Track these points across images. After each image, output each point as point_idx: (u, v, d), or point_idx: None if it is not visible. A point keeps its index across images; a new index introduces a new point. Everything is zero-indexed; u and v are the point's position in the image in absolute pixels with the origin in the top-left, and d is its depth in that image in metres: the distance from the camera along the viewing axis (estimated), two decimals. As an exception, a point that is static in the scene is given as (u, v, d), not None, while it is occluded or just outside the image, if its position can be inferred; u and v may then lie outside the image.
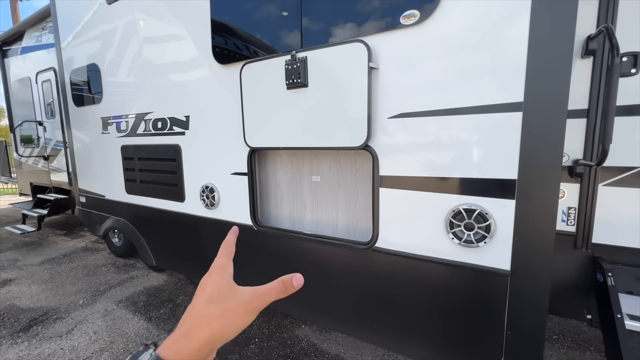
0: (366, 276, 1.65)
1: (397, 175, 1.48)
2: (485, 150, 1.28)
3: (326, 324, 2.09)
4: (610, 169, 1.69)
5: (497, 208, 1.27)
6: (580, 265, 1.79)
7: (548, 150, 1.16)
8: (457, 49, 1.29)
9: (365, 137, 1.48)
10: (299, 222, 2.00)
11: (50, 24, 5.10)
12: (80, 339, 2.79)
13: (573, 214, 1.79)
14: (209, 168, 2.19)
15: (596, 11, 1.64)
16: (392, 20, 1.37)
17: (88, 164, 3.29)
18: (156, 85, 2.42)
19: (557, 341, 2.66)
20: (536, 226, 1.21)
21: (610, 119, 1.32)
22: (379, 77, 1.45)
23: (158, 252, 2.81)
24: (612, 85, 1.31)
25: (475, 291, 1.36)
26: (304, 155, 1.92)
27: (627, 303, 1.58)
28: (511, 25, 1.18)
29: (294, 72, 1.60)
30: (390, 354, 2.52)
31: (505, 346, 1.32)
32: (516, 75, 1.19)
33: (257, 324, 2.92)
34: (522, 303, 1.27)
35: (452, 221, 1.36)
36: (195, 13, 2.06)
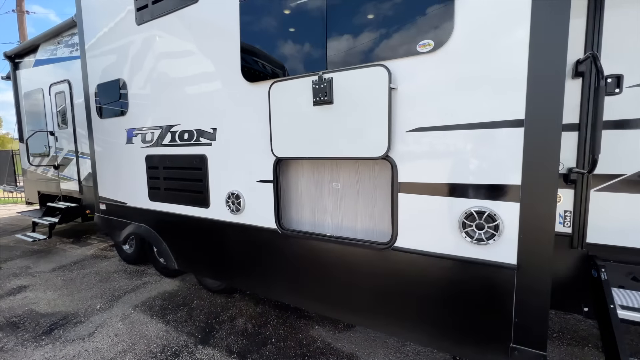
0: (386, 273, 1.83)
1: (414, 182, 1.67)
2: (492, 160, 1.48)
3: (348, 319, 2.23)
4: (600, 176, 1.90)
5: (504, 210, 1.46)
6: (576, 263, 1.99)
7: (546, 159, 1.37)
8: (466, 73, 1.51)
9: (386, 149, 1.68)
10: (320, 225, 2.18)
11: (67, 39, 5.33)
12: (103, 341, 2.90)
13: (569, 217, 1.99)
14: (235, 176, 2.37)
15: (583, 37, 1.88)
16: (410, 48, 1.59)
17: (110, 172, 3.44)
18: (183, 100, 2.61)
19: (557, 338, 2.83)
20: (538, 225, 1.40)
21: (598, 132, 1.54)
22: (398, 96, 1.66)
23: (180, 256, 2.95)
24: (599, 103, 1.53)
25: (486, 284, 1.54)
26: (325, 164, 2.11)
27: (619, 295, 1.77)
28: (513, 55, 1.40)
29: (320, 91, 1.81)
30: (401, 350, 2.67)
31: (514, 332, 1.49)
32: (517, 96, 1.40)
33: (272, 326, 3.05)
34: (528, 293, 1.45)
35: (464, 222, 1.55)
36: (225, 36, 2.27)
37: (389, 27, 1.65)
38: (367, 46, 1.72)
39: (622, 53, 1.83)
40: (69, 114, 5.41)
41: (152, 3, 2.70)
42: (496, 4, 1.42)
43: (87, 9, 3.35)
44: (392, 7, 1.64)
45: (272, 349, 2.72)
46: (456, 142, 1.55)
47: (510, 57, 1.41)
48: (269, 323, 3.11)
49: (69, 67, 5.33)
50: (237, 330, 3.00)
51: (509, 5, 1.39)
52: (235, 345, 2.79)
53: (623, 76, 1.81)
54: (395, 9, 1.63)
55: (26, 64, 6.39)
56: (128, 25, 2.94)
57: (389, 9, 1.65)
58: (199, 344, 2.82)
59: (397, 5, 1.63)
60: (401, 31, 1.62)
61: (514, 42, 1.40)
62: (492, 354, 1.56)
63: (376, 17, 1.69)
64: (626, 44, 1.83)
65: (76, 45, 5.12)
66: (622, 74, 1.81)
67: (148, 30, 2.78)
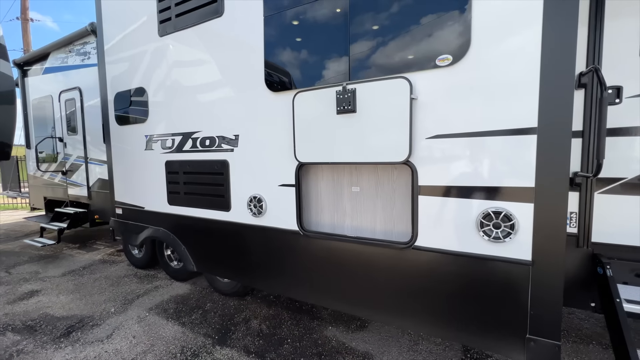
0: (407, 271, 1.94)
1: (434, 185, 1.80)
2: (508, 165, 1.62)
3: (370, 316, 2.32)
4: (603, 180, 2.04)
5: (519, 210, 1.59)
6: (583, 261, 2.12)
7: (557, 164, 1.50)
8: (481, 86, 1.65)
9: (407, 154, 1.81)
10: (340, 227, 2.29)
11: (78, 47, 5.45)
12: (122, 342, 2.95)
13: (574, 218, 2.12)
14: (257, 180, 2.49)
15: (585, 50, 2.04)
16: (430, 61, 1.73)
17: (127, 178, 3.54)
18: (205, 108, 2.73)
19: (563, 337, 2.94)
20: (551, 224, 1.53)
21: (602, 139, 1.68)
22: (418, 106, 1.80)
23: (199, 258, 3.03)
24: (603, 113, 1.68)
25: (503, 279, 1.66)
26: (344, 168, 2.24)
27: (624, 291, 1.89)
28: (524, 70, 1.55)
29: (344, 101, 1.94)
30: (414, 349, 2.76)
31: (530, 324, 1.61)
32: (529, 106, 1.54)
33: (287, 326, 3.13)
34: (542, 287, 1.57)
35: (482, 221, 1.67)
36: (249, 48, 2.41)
37: (411, 42, 1.80)
38: (389, 59, 1.86)
39: (621, 64, 1.99)
40: (79, 121, 5.49)
41: (175, 16, 2.83)
42: (509, 22, 1.57)
43: (107, 21, 3.48)
44: (413, 24, 1.79)
45: (289, 349, 2.80)
46: (473, 147, 1.69)
47: (522, 72, 1.56)
48: (284, 324, 3.19)
49: (80, 75, 5.44)
50: (253, 331, 3.07)
51: (521, 23, 1.54)
52: (252, 345, 2.86)
53: (623, 87, 1.96)
54: (416, 26, 1.78)
55: (35, 71, 6.49)
56: (150, 36, 3.07)
57: (410, 25, 1.80)
58: (216, 344, 2.88)
59: (418, 22, 1.78)
60: (422, 46, 1.76)
61: (525, 58, 1.54)
62: (510, 345, 1.67)
63: (398, 32, 1.83)
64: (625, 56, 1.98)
65: (88, 53, 5.24)
66: (621, 86, 1.97)
67: (170, 42, 2.91)
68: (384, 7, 1.87)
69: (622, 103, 1.97)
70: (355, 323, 3.17)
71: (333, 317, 3.27)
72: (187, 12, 2.76)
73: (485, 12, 1.62)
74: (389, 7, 1.85)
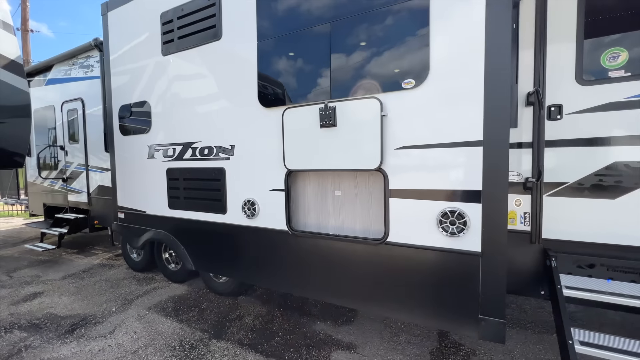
0: (380, 263, 2.23)
1: (402, 189, 2.11)
2: (460, 171, 1.93)
3: (350, 304, 2.58)
4: (550, 184, 2.37)
5: (470, 209, 1.90)
6: (535, 255, 2.43)
7: (499, 170, 1.82)
8: (440, 105, 1.98)
9: (379, 162, 2.13)
10: (324, 226, 2.58)
11: (82, 60, 5.74)
12: (124, 337, 3.17)
13: (528, 217, 2.44)
14: (251, 186, 2.78)
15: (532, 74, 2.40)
16: (396, 84, 2.07)
17: (130, 184, 3.79)
18: (204, 120, 3.03)
19: (530, 328, 3.24)
20: (495, 220, 1.84)
21: (541, 149, 2.02)
22: (388, 121, 2.12)
23: (197, 257, 3.29)
24: (541, 128, 2.02)
25: (459, 268, 1.96)
26: (328, 175, 2.54)
27: (567, 280, 2.20)
28: (472, 94, 1.88)
29: (326, 116, 2.26)
30: (394, 340, 3.03)
31: (481, 306, 1.90)
32: (476, 123, 1.87)
33: (278, 322, 3.38)
34: (490, 274, 1.87)
35: (441, 219, 1.98)
36: (244, 68, 2.73)
37: (381, 68, 2.13)
38: (363, 82, 2.19)
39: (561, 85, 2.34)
40: (81, 130, 5.74)
41: (177, 38, 3.15)
42: (460, 58, 1.91)
43: (113, 38, 3.78)
44: (384, 53, 2.13)
45: (279, 341, 3.04)
46: (433, 157, 2.01)
47: (469, 94, 1.89)
48: (275, 320, 3.43)
49: (83, 86, 5.70)
50: (247, 327, 3.31)
51: (468, 57, 1.88)
52: (246, 338, 3.10)
53: (563, 105, 2.31)
54: (386, 55, 2.12)
55: (37, 82, 6.73)
56: (153, 55, 3.37)
57: (381, 54, 2.13)
58: (212, 338, 3.12)
59: (388, 52, 2.11)
60: (390, 72, 2.10)
61: (472, 83, 1.88)
62: (465, 325, 1.96)
63: (371, 59, 2.17)
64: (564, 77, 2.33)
65: (91, 66, 5.52)
66: (562, 104, 2.32)
67: (172, 61, 3.22)
68: (360, 37, 2.20)
69: (563, 119, 2.31)
70: (342, 318, 3.42)
71: (322, 313, 3.53)
72: (188, 35, 3.08)
73: (441, 46, 1.96)
74: (364, 38, 2.19)
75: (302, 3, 2.43)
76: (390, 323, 3.30)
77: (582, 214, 2.29)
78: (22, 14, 12.36)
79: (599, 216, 2.24)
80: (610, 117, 2.18)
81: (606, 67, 2.19)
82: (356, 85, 2.22)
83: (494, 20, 1.79)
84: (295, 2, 2.47)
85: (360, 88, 2.20)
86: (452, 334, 3.08)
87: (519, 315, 3.50)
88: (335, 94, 2.29)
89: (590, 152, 2.24)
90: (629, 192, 2.15)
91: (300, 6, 2.44)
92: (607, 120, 2.19)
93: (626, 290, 2.06)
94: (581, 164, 2.27)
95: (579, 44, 2.25)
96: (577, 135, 2.28)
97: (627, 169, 2.15)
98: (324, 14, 2.32)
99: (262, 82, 2.64)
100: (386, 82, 2.11)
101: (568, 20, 2.28)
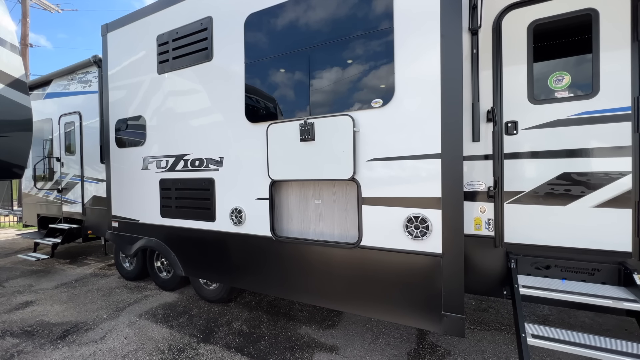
0: (355, 265, 2.43)
1: (373, 197, 2.33)
2: (422, 180, 2.16)
3: (328, 304, 2.74)
4: (509, 192, 2.61)
5: (431, 215, 2.13)
6: (499, 258, 2.64)
7: (454, 179, 2.06)
8: (403, 122, 2.23)
9: (352, 172, 2.36)
10: (305, 232, 2.78)
11: (80, 75, 5.98)
12: (114, 342, 3.28)
13: (491, 223, 2.66)
14: (238, 195, 2.98)
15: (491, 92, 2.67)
16: (366, 104, 2.32)
17: (124, 194, 3.97)
18: (194, 134, 3.26)
19: (504, 330, 3.42)
20: (453, 224, 2.06)
21: (497, 161, 2.26)
22: (360, 136, 2.37)
23: (187, 263, 3.45)
24: (495, 142, 2.27)
25: (423, 268, 2.16)
26: (309, 184, 2.76)
27: (526, 280, 2.41)
28: (431, 113, 2.13)
29: (305, 131, 2.49)
30: (375, 342, 3.18)
31: (443, 302, 2.10)
32: (435, 138, 2.11)
33: (265, 327, 3.51)
34: (450, 273, 2.08)
35: (406, 224, 2.20)
36: (232, 87, 2.97)
37: (353, 89, 2.39)
38: (338, 101, 2.44)
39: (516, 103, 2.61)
40: (77, 142, 5.92)
41: (172, 59, 3.41)
42: (421, 81, 2.17)
43: (112, 58, 4.03)
44: (356, 77, 2.39)
45: (265, 344, 3.18)
46: (398, 168, 2.24)
47: (428, 114, 2.14)
48: (262, 325, 3.57)
49: (80, 100, 5.92)
50: (234, 331, 3.44)
51: (428, 84, 2.15)
52: (233, 342, 3.23)
53: (518, 122, 2.58)
54: (357, 79, 2.38)
55: (36, 96, 6.94)
56: (149, 73, 3.62)
57: (354, 78, 2.39)
58: (200, 342, 3.24)
59: (359, 76, 2.38)
60: (361, 93, 2.36)
61: (430, 104, 2.13)
62: (430, 321, 2.15)
63: (345, 82, 2.43)
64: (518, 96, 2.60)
65: (89, 81, 5.76)
66: (517, 120, 2.58)
67: (167, 79, 3.46)
68: (336, 62, 2.47)
69: (519, 133, 2.57)
70: (326, 322, 3.57)
71: (307, 318, 3.67)
72: (182, 55, 3.34)
73: (404, 71, 2.23)
74: (339, 62, 2.46)
75: (284, 30, 2.71)
76: (372, 327, 3.45)
77: (539, 220, 2.52)
78: (22, 29, 12.69)
79: (552, 221, 2.47)
80: (558, 132, 2.44)
81: (553, 89, 2.47)
82: (331, 103, 2.46)
83: (448, 50, 2.07)
84: (277, 29, 2.74)
85: (335, 106, 2.45)
86: (429, 336, 3.24)
87: (495, 318, 3.69)
88: (314, 111, 2.54)
89: (543, 163, 2.49)
90: (577, 199, 2.39)
91: (282, 32, 2.72)
92: (556, 135, 2.45)
93: (577, 288, 2.27)
94: (536, 174, 2.52)
95: (529, 66, 2.54)
96: (531, 148, 2.53)
97: (575, 178, 2.40)
98: (302, 40, 2.59)
99: (249, 100, 2.89)
100: (358, 101, 2.36)
101: (519, 45, 2.57)
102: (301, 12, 2.62)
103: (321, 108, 2.51)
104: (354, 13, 2.38)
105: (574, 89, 2.39)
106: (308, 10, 2.58)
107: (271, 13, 2.77)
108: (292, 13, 2.66)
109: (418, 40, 2.15)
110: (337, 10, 2.46)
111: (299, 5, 2.63)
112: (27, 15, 12.85)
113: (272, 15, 2.76)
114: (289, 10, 2.68)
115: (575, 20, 2.38)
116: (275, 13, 2.74)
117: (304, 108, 2.58)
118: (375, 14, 2.31)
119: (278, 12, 2.73)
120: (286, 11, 2.69)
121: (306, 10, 2.59)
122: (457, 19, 2.06)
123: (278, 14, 2.73)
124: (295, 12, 2.65)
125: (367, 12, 2.34)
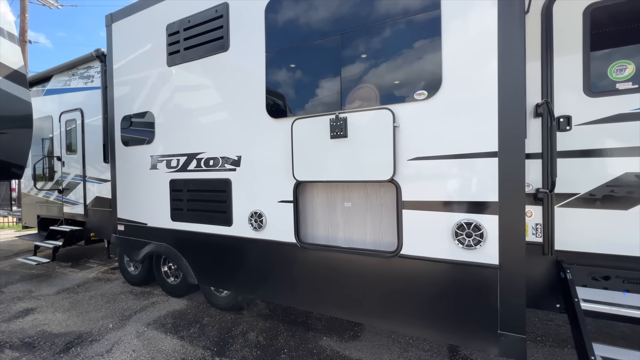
0: (393, 277, 2.17)
1: (416, 200, 2.08)
2: (475, 182, 1.91)
3: (362, 320, 2.49)
4: (561, 195, 2.36)
5: (486, 221, 1.87)
6: (548, 267, 2.39)
7: (515, 182, 1.81)
8: (453, 116, 1.97)
9: (392, 173, 2.10)
10: (333, 239, 2.52)
11: (82, 71, 5.71)
12: (122, 356, 3.03)
13: (539, 229, 2.42)
14: (257, 197, 2.72)
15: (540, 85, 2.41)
16: (409, 96, 2.06)
17: (130, 195, 3.71)
18: (209, 131, 3.00)
19: (541, 341, 3.18)
20: (512, 233, 1.81)
21: (554, 160, 2.01)
22: (400, 132, 2.11)
23: (201, 271, 3.19)
24: (553, 139, 2.02)
25: (476, 281, 1.91)
26: (337, 186, 2.50)
27: (583, 292, 2.16)
28: (486, 105, 1.87)
29: (337, 127, 2.24)
30: (404, 355, 2.94)
31: (500, 320, 1.85)
32: (491, 133, 1.86)
33: (283, 338, 3.27)
34: (508, 287, 1.83)
35: (456, 231, 1.94)
36: (252, 79, 2.72)
37: (393, 79, 2.13)
38: (375, 93, 2.18)
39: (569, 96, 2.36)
40: (79, 141, 5.66)
41: (183, 49, 3.15)
42: (473, 68, 1.91)
43: (117, 49, 3.77)
44: (396, 64, 2.13)
45: (285, 359, 2.93)
46: (448, 168, 1.99)
47: (483, 106, 1.89)
48: (280, 335, 3.32)
49: (82, 97, 5.66)
50: (251, 343, 3.19)
51: (482, 71, 1.89)
52: (251, 356, 2.99)
53: (572, 117, 2.33)
54: (398, 66, 2.12)
55: (35, 93, 6.66)
56: (158, 66, 3.36)
57: (393, 65, 2.13)
58: (215, 356, 3.00)
59: (400, 63, 2.12)
60: (403, 83, 2.10)
61: (485, 95, 1.88)
62: (484, 341, 1.90)
63: (383, 70, 2.17)
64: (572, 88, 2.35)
65: (92, 77, 5.49)
66: (571, 115, 2.33)
67: (178, 71, 3.20)
68: (372, 49, 2.21)
69: (572, 130, 2.32)
70: (348, 333, 3.33)
71: (327, 328, 3.42)
72: (195, 46, 3.07)
73: (453, 56, 1.97)
74: (375, 49, 2.20)
75: (312, 15, 2.45)
76: (399, 338, 3.21)
77: (595, 225, 2.27)
78: (21, 24, 12.38)
79: (611, 227, 2.23)
80: (619, 128, 2.19)
81: (613, 79, 2.22)
82: (367, 96, 2.21)
83: (507, 28, 1.81)
84: (305, 14, 2.48)
85: (372, 99, 2.19)
86: (462, 349, 3.00)
87: (527, 328, 3.44)
88: (346, 105, 2.28)
89: (601, 162, 2.25)
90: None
91: (310, 18, 2.46)
92: (616, 131, 2.20)
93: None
94: (592, 174, 2.27)
95: (585, 55, 2.28)
96: (587, 146, 2.28)
97: (639, 179, 2.15)
98: (334, 26, 2.34)
99: (271, 93, 2.63)
100: (398, 93, 2.11)
101: (574, 32, 2.31)
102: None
103: (355, 101, 2.25)
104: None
105: (639, 80, 2.14)
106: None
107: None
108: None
109: (470, 16, 1.89)
110: (372, -8, 2.20)
111: (327, -13, 2.37)
112: (26, 10, 12.54)
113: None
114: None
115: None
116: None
117: (335, 101, 2.32)
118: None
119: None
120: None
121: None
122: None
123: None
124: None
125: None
